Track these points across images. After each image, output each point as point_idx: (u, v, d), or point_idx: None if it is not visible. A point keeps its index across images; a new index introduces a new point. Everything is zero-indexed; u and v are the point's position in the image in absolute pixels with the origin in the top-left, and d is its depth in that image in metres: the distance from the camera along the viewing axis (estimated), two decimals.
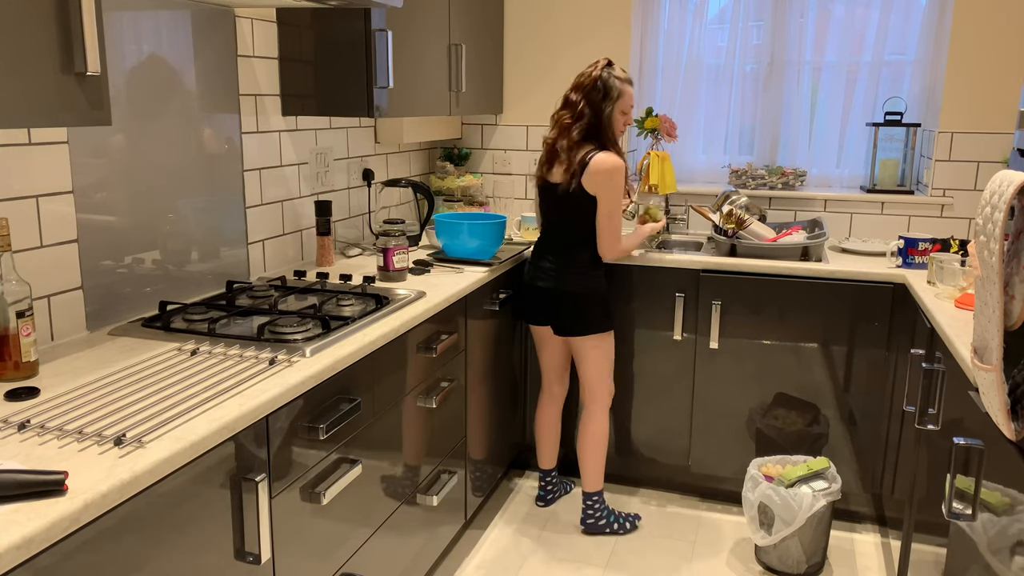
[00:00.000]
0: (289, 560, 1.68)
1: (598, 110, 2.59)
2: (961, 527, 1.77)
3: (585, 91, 2.59)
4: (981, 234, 1.40)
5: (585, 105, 2.59)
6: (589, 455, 2.85)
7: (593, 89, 2.58)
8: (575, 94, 2.62)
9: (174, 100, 2.11)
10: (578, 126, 2.59)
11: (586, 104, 2.59)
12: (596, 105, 2.59)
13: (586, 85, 2.60)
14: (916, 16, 3.30)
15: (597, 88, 2.58)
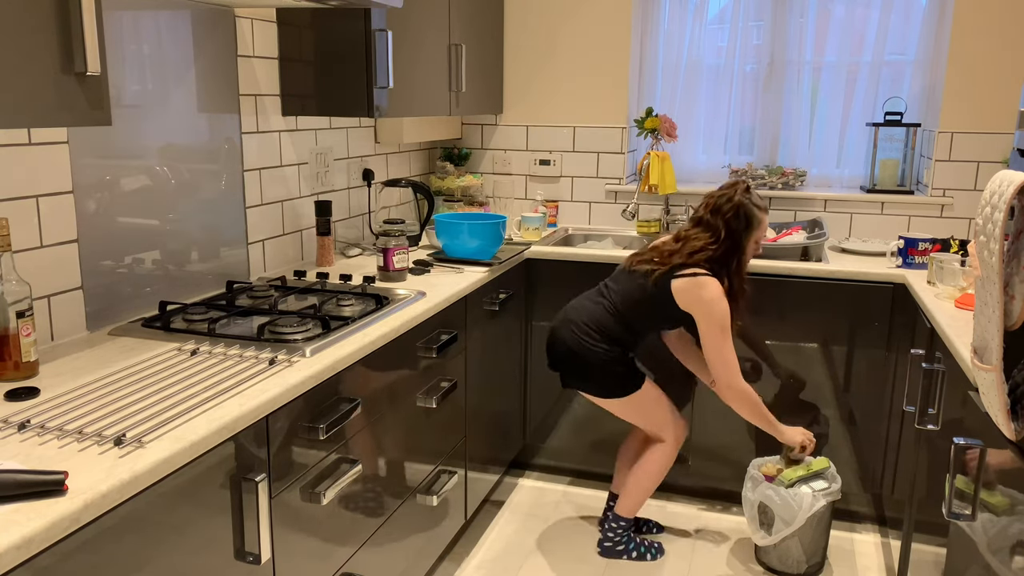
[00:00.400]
0: (289, 560, 1.68)
1: (738, 238, 2.46)
2: (961, 527, 1.77)
3: (724, 216, 2.45)
4: (981, 234, 1.40)
5: (724, 230, 2.45)
6: (638, 481, 2.68)
7: (735, 217, 2.44)
8: (712, 216, 2.47)
9: (174, 100, 2.11)
10: (711, 250, 2.45)
11: (725, 230, 2.45)
12: (737, 233, 2.45)
13: (725, 210, 2.45)
14: (916, 16, 3.30)
15: (740, 216, 2.44)
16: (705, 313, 2.43)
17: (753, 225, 2.47)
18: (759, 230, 2.49)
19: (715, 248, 2.45)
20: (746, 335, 2.91)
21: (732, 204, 2.45)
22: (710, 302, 2.42)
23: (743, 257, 2.50)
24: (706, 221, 2.48)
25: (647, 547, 2.74)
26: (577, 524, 2.96)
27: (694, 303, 2.44)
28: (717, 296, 2.42)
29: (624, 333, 2.53)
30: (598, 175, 3.60)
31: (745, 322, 2.90)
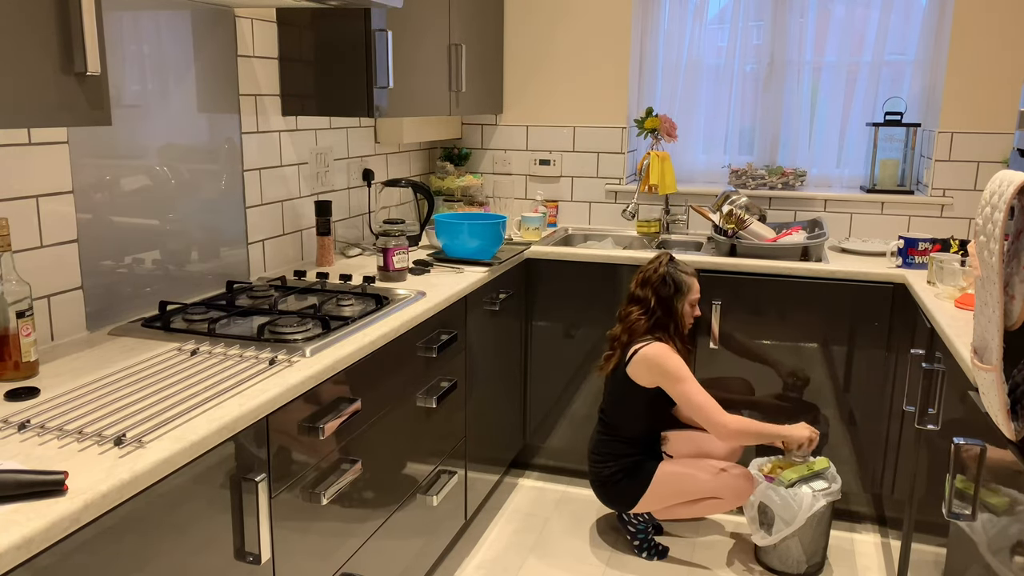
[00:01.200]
0: (289, 560, 1.68)
1: (669, 303, 2.63)
2: (961, 527, 1.77)
3: (653, 286, 2.63)
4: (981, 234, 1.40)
5: (654, 299, 2.63)
6: (681, 508, 2.72)
7: (663, 285, 2.62)
8: (642, 289, 2.65)
9: (174, 100, 2.11)
10: (644, 319, 2.63)
11: (655, 298, 2.63)
12: (668, 300, 2.63)
13: (653, 280, 2.64)
14: (916, 16, 3.30)
15: (667, 284, 2.62)
16: (660, 374, 2.56)
17: (683, 290, 2.64)
18: (690, 294, 2.66)
19: (647, 317, 2.63)
20: (746, 335, 2.91)
21: (658, 275, 2.63)
22: (660, 363, 2.56)
23: (680, 320, 2.66)
24: (637, 296, 2.67)
25: (655, 547, 2.77)
26: (577, 524, 2.96)
27: (650, 372, 2.58)
28: (663, 354, 2.56)
29: (625, 445, 2.67)
30: (598, 175, 3.60)
31: (746, 323, 2.90)
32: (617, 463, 2.67)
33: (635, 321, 2.64)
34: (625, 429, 2.68)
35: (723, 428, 2.49)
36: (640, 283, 2.67)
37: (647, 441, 2.71)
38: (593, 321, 3.09)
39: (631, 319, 2.65)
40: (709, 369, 2.97)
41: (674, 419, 2.87)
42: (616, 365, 2.66)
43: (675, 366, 2.55)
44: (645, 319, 2.63)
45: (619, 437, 2.68)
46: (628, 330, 2.65)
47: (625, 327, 2.66)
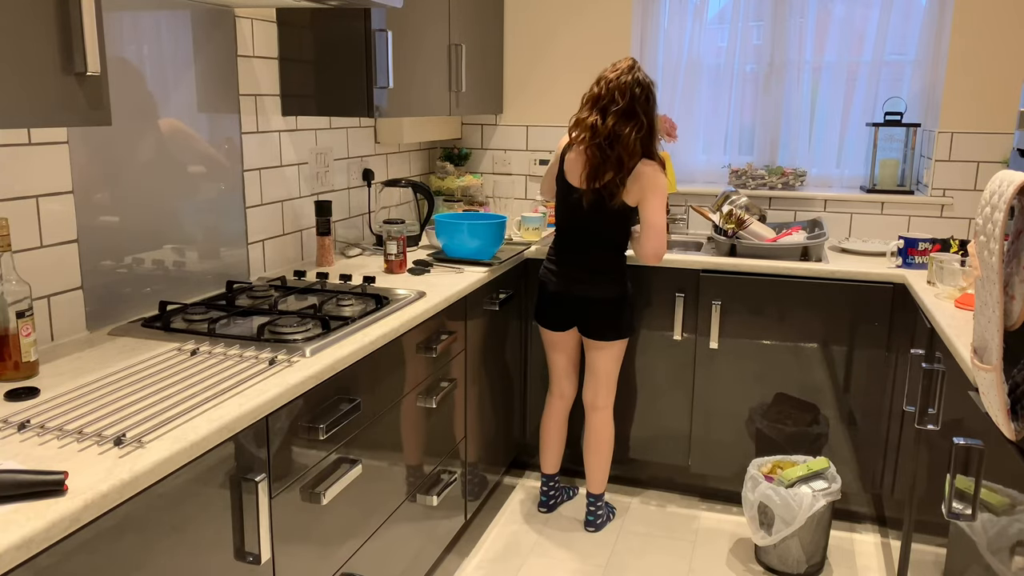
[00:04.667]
0: (289, 560, 1.68)
1: (651, 118, 2.57)
2: (961, 527, 1.77)
3: (639, 101, 2.54)
4: (981, 234, 1.40)
5: (642, 113, 2.54)
6: (600, 457, 2.87)
7: (647, 99, 2.55)
8: (632, 105, 2.54)
9: (174, 100, 2.11)
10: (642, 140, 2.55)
11: (642, 112, 2.54)
12: (650, 113, 2.56)
13: (637, 94, 2.54)
14: (916, 16, 3.30)
15: (649, 94, 2.56)
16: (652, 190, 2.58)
17: (654, 101, 2.60)
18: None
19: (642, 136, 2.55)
20: (746, 335, 2.91)
21: (637, 82, 2.54)
22: (659, 181, 2.58)
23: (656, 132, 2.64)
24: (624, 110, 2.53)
25: (611, 510, 3.02)
26: (577, 524, 2.95)
27: (642, 190, 2.57)
28: (656, 174, 2.58)
29: (619, 257, 2.71)
30: None
31: (746, 323, 2.90)
32: (622, 287, 2.70)
33: (633, 143, 2.52)
34: (621, 250, 2.70)
35: (660, 253, 2.62)
36: (629, 98, 2.53)
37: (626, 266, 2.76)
38: None
39: (629, 140, 2.52)
40: (709, 369, 2.97)
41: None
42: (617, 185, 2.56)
43: (663, 185, 2.58)
44: (640, 141, 2.54)
45: (618, 255, 2.70)
46: (627, 152, 2.52)
47: (623, 149, 2.52)
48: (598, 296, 2.69)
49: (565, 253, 2.73)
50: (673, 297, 2.96)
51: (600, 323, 2.73)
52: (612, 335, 2.73)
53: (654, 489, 3.22)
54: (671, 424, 3.07)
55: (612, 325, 2.72)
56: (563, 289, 2.73)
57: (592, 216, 2.63)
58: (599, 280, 2.68)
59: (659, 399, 3.06)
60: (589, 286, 2.69)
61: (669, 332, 2.99)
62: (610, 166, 2.53)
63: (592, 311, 2.72)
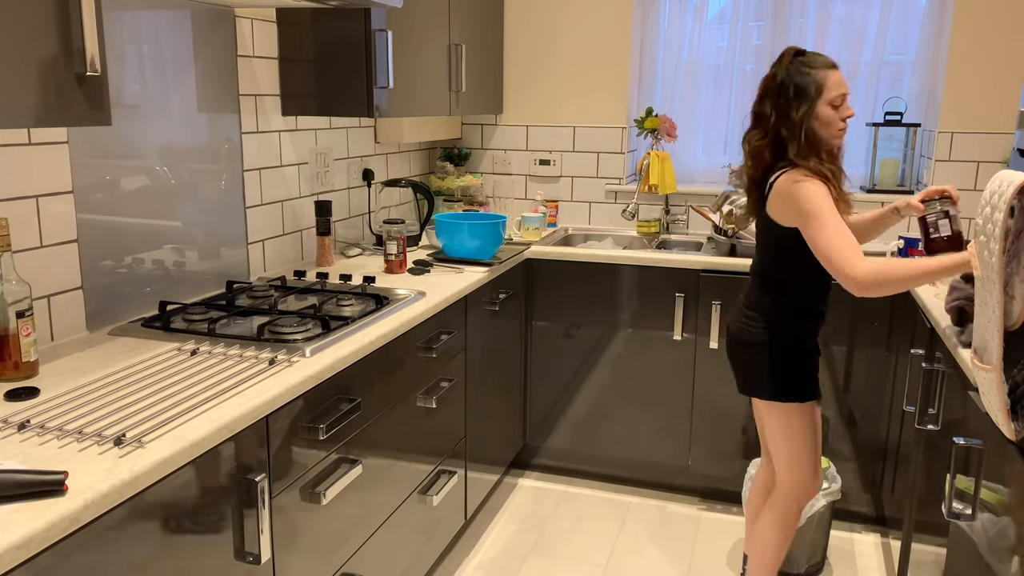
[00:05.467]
0: (289, 560, 1.68)
1: (790, 115, 2.03)
2: (961, 527, 1.77)
3: (772, 99, 2.05)
4: (981, 234, 1.40)
5: (775, 117, 2.04)
6: (754, 555, 2.31)
7: (780, 94, 2.03)
8: (760, 104, 2.08)
9: (174, 100, 2.11)
10: (769, 144, 2.06)
11: (776, 116, 2.04)
12: (787, 112, 2.03)
13: (770, 90, 2.06)
14: (916, 16, 3.30)
15: (785, 90, 2.03)
16: (794, 208, 1.97)
17: (809, 94, 2.02)
18: (825, 93, 2.03)
19: (768, 139, 2.05)
20: None
21: (775, 81, 2.04)
22: (791, 193, 1.97)
23: (815, 135, 2.04)
24: (756, 113, 2.09)
25: None
26: (577, 524, 2.96)
27: (784, 206, 2.01)
28: (795, 179, 1.97)
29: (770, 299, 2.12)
30: (598, 175, 3.60)
31: None
32: (757, 320, 2.13)
33: (756, 147, 2.07)
34: (774, 282, 2.13)
35: (852, 282, 1.87)
36: (760, 96, 2.09)
37: (796, 310, 2.13)
38: (593, 321, 3.09)
39: (752, 145, 2.09)
40: (709, 369, 2.97)
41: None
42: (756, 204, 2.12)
43: (807, 196, 1.94)
44: (765, 142, 2.05)
45: (766, 287, 2.14)
46: (753, 160, 2.09)
47: (749, 157, 2.10)
48: (740, 339, 2.17)
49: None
50: (673, 297, 2.96)
51: (746, 373, 2.20)
52: (761, 392, 2.16)
53: (654, 489, 3.22)
54: (671, 424, 3.07)
55: (757, 379, 2.16)
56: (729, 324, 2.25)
57: (757, 241, 2.19)
58: (746, 319, 2.16)
59: (659, 399, 3.06)
60: (735, 324, 2.19)
61: (669, 332, 2.99)
62: (747, 178, 2.14)
63: (738, 357, 2.21)
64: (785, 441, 2.16)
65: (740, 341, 2.17)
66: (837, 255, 1.88)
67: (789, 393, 2.12)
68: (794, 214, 1.97)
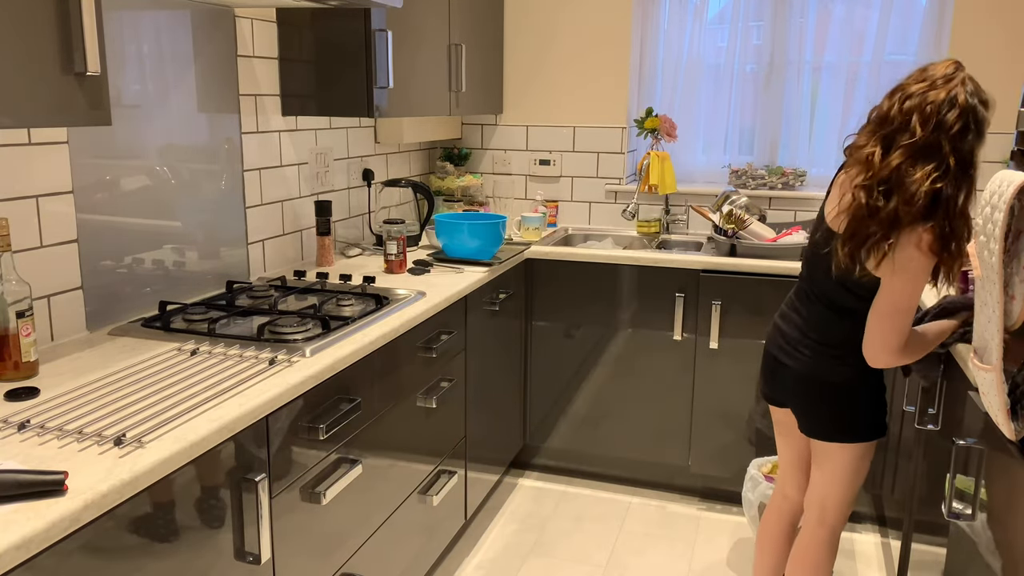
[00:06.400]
0: (289, 560, 1.68)
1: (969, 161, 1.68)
2: (961, 527, 1.77)
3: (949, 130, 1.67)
4: (981, 234, 1.40)
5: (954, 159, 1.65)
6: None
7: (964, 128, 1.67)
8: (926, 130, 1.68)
9: (174, 100, 2.11)
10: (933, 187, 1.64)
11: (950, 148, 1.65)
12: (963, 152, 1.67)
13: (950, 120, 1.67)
14: (916, 16, 3.30)
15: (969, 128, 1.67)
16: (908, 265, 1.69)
17: (983, 130, 1.70)
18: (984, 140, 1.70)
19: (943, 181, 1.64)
20: (746, 335, 2.91)
21: (959, 104, 1.67)
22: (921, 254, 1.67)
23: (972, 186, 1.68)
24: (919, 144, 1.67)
25: None
26: (577, 524, 2.96)
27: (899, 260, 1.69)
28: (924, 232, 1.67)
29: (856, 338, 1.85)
30: (598, 175, 3.60)
31: (746, 323, 2.90)
32: (846, 357, 1.87)
33: (919, 189, 1.63)
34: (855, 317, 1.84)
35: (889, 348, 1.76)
36: (922, 116, 1.69)
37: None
38: (593, 321, 3.09)
39: (914, 183, 1.63)
40: (709, 369, 2.97)
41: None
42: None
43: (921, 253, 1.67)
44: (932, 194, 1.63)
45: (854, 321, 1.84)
46: (908, 206, 1.64)
47: (904, 202, 1.64)
48: (827, 380, 1.90)
49: (793, 304, 1.99)
50: (673, 297, 2.96)
51: (815, 414, 1.96)
52: (845, 436, 1.93)
53: (654, 489, 3.22)
54: (671, 424, 3.07)
55: (843, 422, 1.93)
56: (774, 351, 2.01)
57: (830, 267, 1.80)
58: (834, 358, 1.89)
59: (659, 399, 3.06)
60: (803, 357, 1.92)
61: (669, 332, 2.99)
62: (876, 224, 1.68)
63: (806, 395, 1.95)
64: (852, 478, 1.98)
65: (827, 382, 1.89)
66: (901, 320, 1.74)
67: (872, 432, 1.95)
68: (902, 269, 1.70)
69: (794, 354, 1.94)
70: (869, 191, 1.69)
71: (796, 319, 1.95)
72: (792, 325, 1.96)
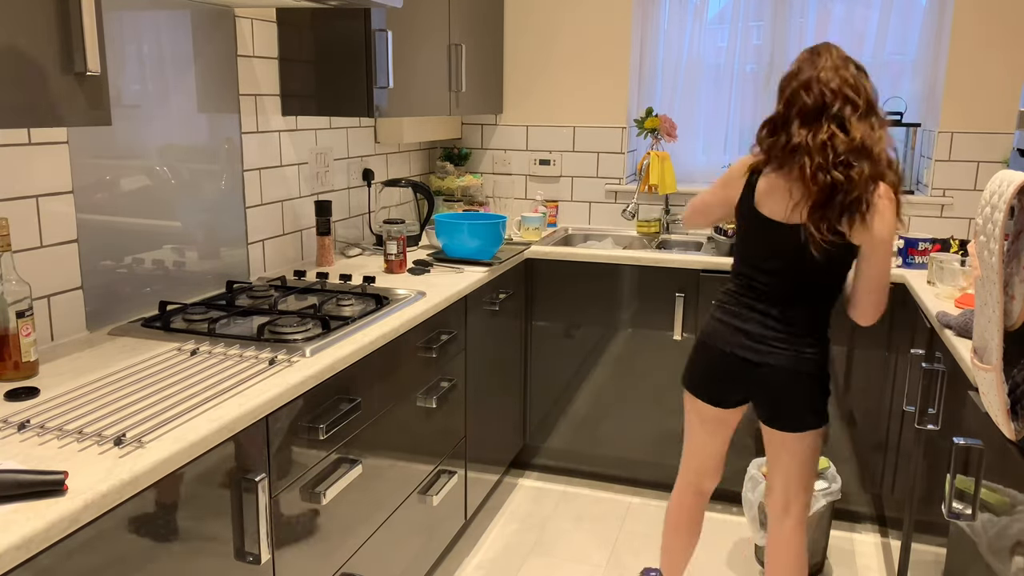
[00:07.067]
0: (289, 560, 1.68)
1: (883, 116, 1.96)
2: (961, 527, 1.77)
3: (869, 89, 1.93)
4: (981, 234, 1.40)
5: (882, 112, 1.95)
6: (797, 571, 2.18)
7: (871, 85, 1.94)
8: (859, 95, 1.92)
9: (174, 100, 2.11)
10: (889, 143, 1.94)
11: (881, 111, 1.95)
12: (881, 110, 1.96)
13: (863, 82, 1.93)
14: (916, 16, 3.30)
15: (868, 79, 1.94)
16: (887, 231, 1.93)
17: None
18: None
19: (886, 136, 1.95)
20: None
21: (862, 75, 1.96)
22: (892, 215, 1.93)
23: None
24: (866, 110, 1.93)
25: None
26: (577, 524, 2.96)
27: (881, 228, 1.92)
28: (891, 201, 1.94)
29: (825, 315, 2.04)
30: (598, 175, 3.60)
31: None
32: (815, 347, 2.01)
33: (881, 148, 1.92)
34: (828, 304, 2.03)
35: (880, 312, 1.98)
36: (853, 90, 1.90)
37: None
38: (593, 321, 3.09)
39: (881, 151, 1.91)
40: None
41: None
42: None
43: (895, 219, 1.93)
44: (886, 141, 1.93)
45: (825, 312, 2.03)
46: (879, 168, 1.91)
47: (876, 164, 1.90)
48: (795, 368, 2.00)
49: (750, 305, 2.06)
50: (673, 297, 2.96)
51: (796, 405, 2.04)
52: (810, 423, 2.05)
53: (654, 489, 3.22)
54: (671, 424, 3.07)
55: (811, 408, 2.04)
56: (740, 353, 2.05)
57: (802, 259, 1.94)
58: (799, 345, 1.99)
59: (659, 399, 3.06)
60: (782, 353, 2.00)
61: (669, 332, 2.99)
62: (856, 188, 1.86)
63: (783, 388, 2.03)
64: (813, 462, 2.10)
65: (799, 372, 1.99)
66: (888, 282, 1.94)
67: (826, 415, 2.08)
68: (880, 239, 1.90)
69: (770, 351, 2.01)
70: (837, 166, 1.87)
71: (759, 317, 2.03)
72: (756, 324, 2.03)
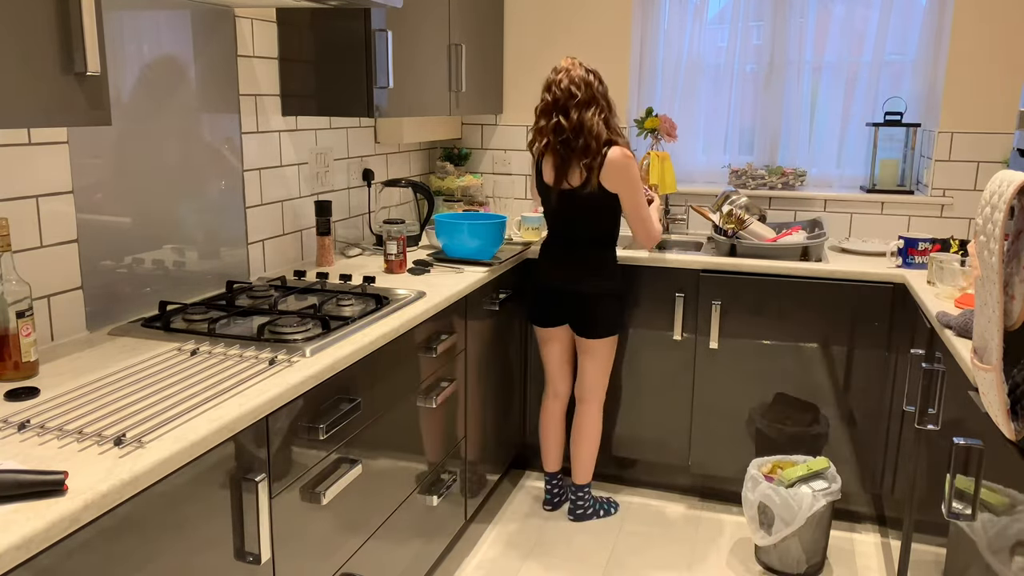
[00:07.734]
0: (289, 560, 1.68)
1: (609, 100, 2.67)
2: (961, 527, 1.77)
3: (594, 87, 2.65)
4: (981, 234, 1.40)
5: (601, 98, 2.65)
6: (586, 450, 2.92)
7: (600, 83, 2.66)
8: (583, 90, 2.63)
9: (174, 100, 2.11)
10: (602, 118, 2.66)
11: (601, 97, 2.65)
12: (607, 96, 2.67)
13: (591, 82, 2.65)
14: (916, 16, 3.30)
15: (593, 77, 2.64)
16: (629, 179, 2.65)
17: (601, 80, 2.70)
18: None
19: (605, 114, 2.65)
20: (746, 335, 2.91)
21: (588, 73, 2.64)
22: (632, 167, 2.66)
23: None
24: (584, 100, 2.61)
25: (606, 502, 3.04)
26: (577, 524, 2.95)
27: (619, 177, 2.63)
28: (624, 156, 2.64)
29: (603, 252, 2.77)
30: None
31: (746, 323, 2.90)
32: (609, 283, 2.75)
33: (598, 126, 2.60)
34: (606, 244, 2.76)
35: (652, 237, 2.76)
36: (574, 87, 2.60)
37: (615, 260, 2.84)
38: None
39: (593, 124, 2.59)
40: (709, 369, 2.97)
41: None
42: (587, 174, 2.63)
43: (632, 165, 2.64)
44: (604, 122, 2.63)
45: (603, 250, 2.76)
46: (591, 135, 2.58)
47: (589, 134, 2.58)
48: (584, 292, 2.74)
49: (552, 249, 2.81)
50: (673, 297, 2.96)
51: (587, 320, 2.77)
52: (601, 332, 2.78)
53: (654, 489, 3.22)
54: (671, 424, 3.07)
55: (599, 322, 2.76)
56: (550, 285, 2.80)
57: (570, 212, 2.70)
58: (584, 276, 2.73)
59: (659, 399, 3.06)
60: (575, 282, 2.74)
61: (669, 332, 3.00)
62: (578, 155, 2.60)
63: (579, 308, 2.77)
64: (608, 363, 2.86)
65: (599, 294, 2.74)
66: (649, 217, 2.75)
67: (618, 327, 2.84)
68: (623, 184, 2.63)
69: (578, 283, 2.75)
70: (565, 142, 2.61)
71: (568, 260, 2.77)
72: (567, 265, 2.77)
